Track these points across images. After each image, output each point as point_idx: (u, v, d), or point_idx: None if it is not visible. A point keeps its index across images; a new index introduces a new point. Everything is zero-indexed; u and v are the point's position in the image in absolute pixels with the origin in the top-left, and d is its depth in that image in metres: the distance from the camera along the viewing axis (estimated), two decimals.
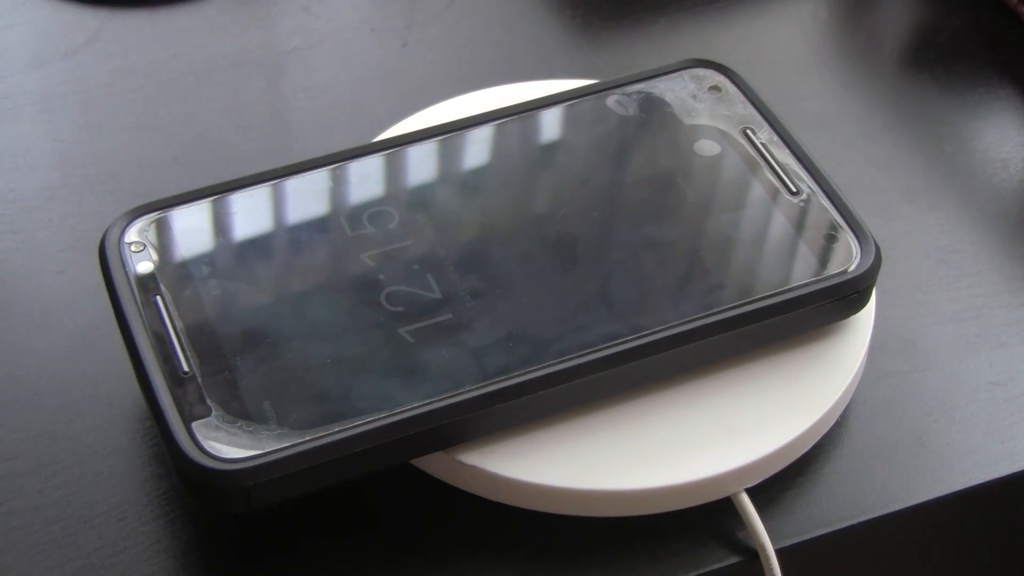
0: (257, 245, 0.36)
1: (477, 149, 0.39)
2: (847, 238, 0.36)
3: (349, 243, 0.36)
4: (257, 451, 0.31)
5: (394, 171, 0.38)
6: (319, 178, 0.37)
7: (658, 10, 0.48)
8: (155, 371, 0.32)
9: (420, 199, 0.38)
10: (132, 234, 0.35)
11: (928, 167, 0.43)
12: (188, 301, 0.34)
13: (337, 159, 0.38)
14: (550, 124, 0.39)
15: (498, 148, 0.39)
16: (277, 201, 0.37)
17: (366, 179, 0.38)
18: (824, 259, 0.36)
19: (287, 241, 0.36)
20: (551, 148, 0.39)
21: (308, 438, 0.31)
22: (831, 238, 0.36)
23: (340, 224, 0.37)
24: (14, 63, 0.45)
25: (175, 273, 0.34)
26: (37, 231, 0.40)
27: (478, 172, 0.38)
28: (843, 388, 0.35)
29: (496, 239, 0.36)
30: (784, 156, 0.38)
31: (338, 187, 0.37)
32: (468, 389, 0.32)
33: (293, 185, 0.37)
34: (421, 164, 0.38)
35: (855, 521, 0.35)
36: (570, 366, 0.33)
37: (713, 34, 0.48)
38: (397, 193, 0.38)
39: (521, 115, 0.39)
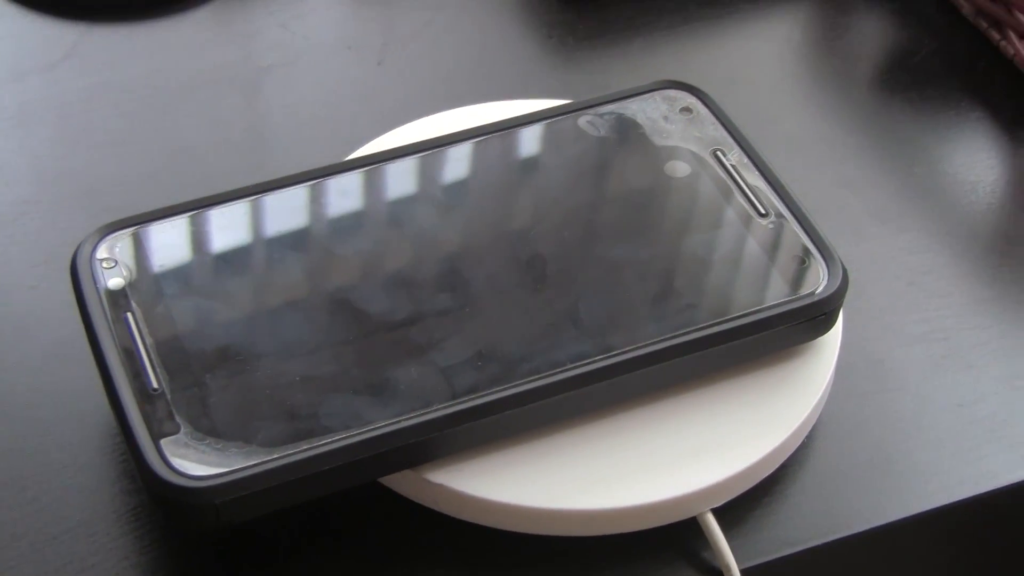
0: (228, 262, 0.36)
1: (451, 168, 0.39)
2: (815, 260, 0.36)
3: (321, 260, 0.36)
4: (225, 468, 0.31)
5: (368, 189, 0.38)
6: (293, 195, 0.37)
7: (633, 31, 0.48)
8: (124, 387, 0.32)
9: (393, 217, 0.38)
10: (104, 250, 0.35)
11: (898, 189, 0.44)
12: (158, 318, 0.34)
13: (311, 176, 0.38)
14: (523, 144, 0.40)
15: (471, 167, 0.39)
16: (250, 218, 0.37)
17: (340, 196, 0.38)
18: (792, 281, 0.36)
19: (258, 258, 0.36)
20: (523, 168, 0.39)
21: (276, 455, 0.31)
22: (799, 260, 0.36)
23: (312, 241, 0.37)
24: None
25: (146, 289, 0.35)
26: (10, 246, 0.40)
27: (451, 190, 0.39)
28: (809, 409, 0.35)
29: (467, 258, 0.37)
30: (754, 178, 0.38)
31: (312, 204, 0.37)
32: (437, 408, 0.33)
33: (266, 202, 0.37)
34: (395, 182, 0.38)
35: (821, 541, 0.35)
36: (539, 385, 0.33)
37: (687, 56, 0.48)
38: (370, 211, 0.38)
39: (494, 134, 0.39)
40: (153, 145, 0.44)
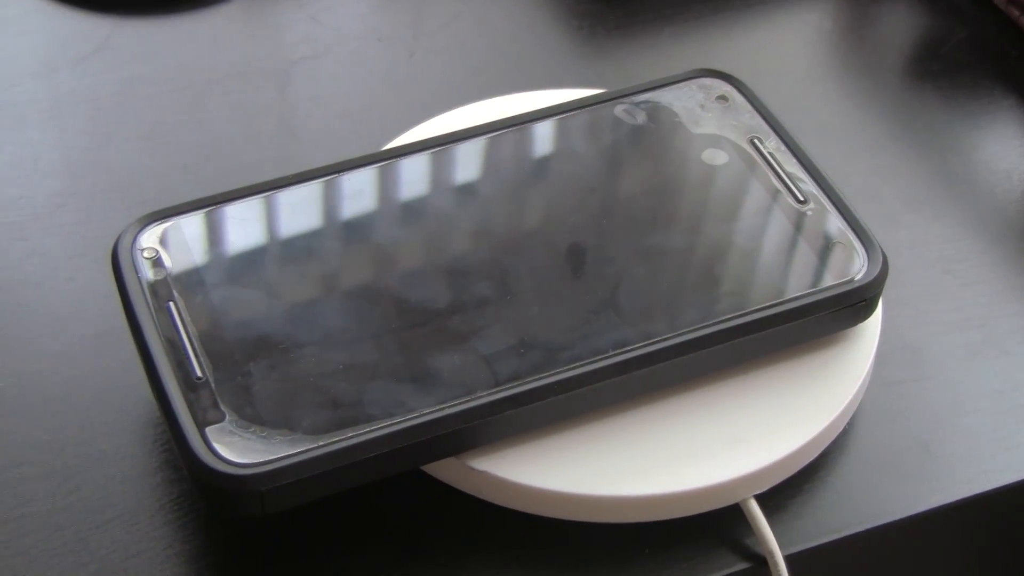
0: (269, 251, 0.36)
1: (485, 158, 0.39)
2: (854, 246, 0.36)
3: (361, 250, 0.37)
4: (270, 456, 0.31)
5: (403, 179, 0.38)
6: (330, 186, 0.37)
7: (663, 20, 0.48)
8: (168, 376, 0.32)
9: (429, 207, 0.38)
10: (145, 240, 0.35)
11: (932, 177, 0.44)
12: (201, 307, 0.34)
13: (348, 167, 0.38)
14: (559, 133, 0.40)
15: (506, 157, 0.39)
16: (288, 208, 0.37)
17: (376, 187, 0.38)
18: (832, 268, 0.36)
19: (299, 248, 0.36)
20: (560, 156, 0.39)
21: (321, 443, 0.32)
22: (838, 246, 0.36)
23: (352, 231, 0.37)
24: (23, 71, 0.45)
25: (188, 279, 0.35)
26: (47, 238, 0.41)
27: (486, 181, 0.39)
28: (850, 396, 0.35)
29: (507, 246, 0.37)
30: (791, 165, 0.38)
31: (349, 195, 0.37)
32: (480, 395, 0.33)
33: (304, 192, 0.37)
34: (429, 172, 0.38)
35: (862, 528, 0.35)
36: (580, 373, 0.33)
37: (717, 45, 0.48)
38: (406, 201, 0.38)
39: (529, 124, 0.39)
40: (185, 137, 0.44)
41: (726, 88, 0.40)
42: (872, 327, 0.37)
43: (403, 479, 0.33)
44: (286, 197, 0.37)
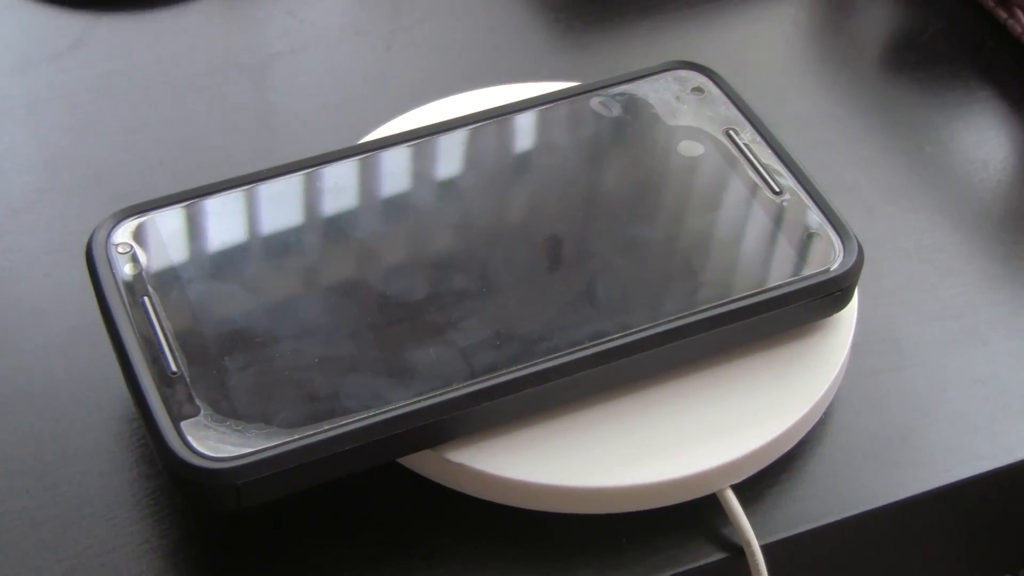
0: (244, 246, 0.36)
1: (462, 151, 0.39)
2: (829, 237, 0.36)
3: (336, 243, 0.36)
4: (246, 449, 0.31)
5: (380, 172, 0.38)
6: (306, 180, 0.37)
7: (640, 13, 0.48)
8: (143, 371, 0.32)
9: (406, 200, 0.38)
10: (119, 236, 0.35)
11: (909, 168, 0.44)
12: (175, 302, 0.34)
13: (323, 161, 0.38)
14: (535, 126, 0.40)
15: (483, 149, 0.39)
16: (264, 203, 0.37)
17: (352, 180, 0.38)
18: (807, 258, 0.36)
19: (274, 241, 0.36)
20: (536, 149, 0.39)
21: (296, 436, 0.31)
22: (814, 237, 0.36)
23: (328, 224, 0.37)
24: None
25: (162, 274, 0.35)
26: (23, 234, 0.40)
27: (464, 173, 0.39)
28: (827, 385, 0.35)
29: (482, 239, 0.36)
30: (767, 156, 0.38)
31: (324, 188, 0.37)
32: (456, 387, 0.33)
33: (279, 187, 0.37)
34: (407, 165, 0.38)
35: (839, 517, 0.35)
36: (557, 364, 0.33)
37: (694, 37, 0.48)
38: (383, 194, 0.38)
39: (506, 117, 0.39)
40: (162, 133, 0.44)
41: (701, 80, 0.40)
42: (848, 317, 0.37)
43: (380, 472, 0.33)
44: (261, 191, 0.37)
